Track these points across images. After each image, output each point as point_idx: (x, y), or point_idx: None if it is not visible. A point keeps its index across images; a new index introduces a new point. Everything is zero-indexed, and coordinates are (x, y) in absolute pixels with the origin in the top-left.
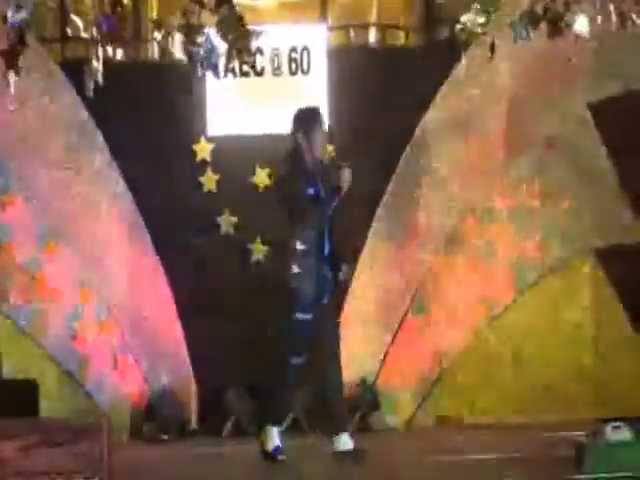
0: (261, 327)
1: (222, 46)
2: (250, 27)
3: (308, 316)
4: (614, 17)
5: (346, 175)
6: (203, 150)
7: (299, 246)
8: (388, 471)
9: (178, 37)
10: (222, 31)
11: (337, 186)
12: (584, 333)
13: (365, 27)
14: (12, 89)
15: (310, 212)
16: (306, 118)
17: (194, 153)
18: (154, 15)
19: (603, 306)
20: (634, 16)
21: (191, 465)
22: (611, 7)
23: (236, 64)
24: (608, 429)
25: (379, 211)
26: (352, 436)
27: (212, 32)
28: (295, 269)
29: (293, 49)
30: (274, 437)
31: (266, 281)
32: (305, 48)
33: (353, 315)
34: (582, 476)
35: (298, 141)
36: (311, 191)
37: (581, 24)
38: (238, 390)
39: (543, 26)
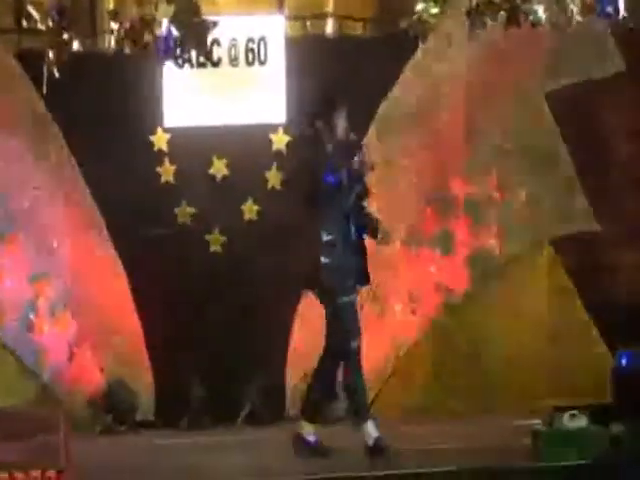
0: (218, 318)
1: (178, 37)
2: (206, 18)
3: (352, 297)
4: (572, 7)
5: (358, 159)
6: (160, 141)
7: (325, 237)
8: (344, 461)
9: (134, 28)
10: (178, 22)
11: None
12: (541, 322)
13: (322, 18)
14: None
15: (331, 201)
16: (324, 104)
17: (151, 144)
18: (110, 6)
19: (560, 295)
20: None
21: (147, 456)
22: None
23: (193, 54)
24: (565, 417)
25: None
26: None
27: (168, 22)
28: (323, 260)
29: (250, 40)
30: (371, 431)
31: (223, 272)
32: (262, 39)
33: (311, 306)
34: (539, 464)
35: (318, 128)
36: (331, 179)
37: (538, 14)
38: (195, 382)
39: (500, 16)
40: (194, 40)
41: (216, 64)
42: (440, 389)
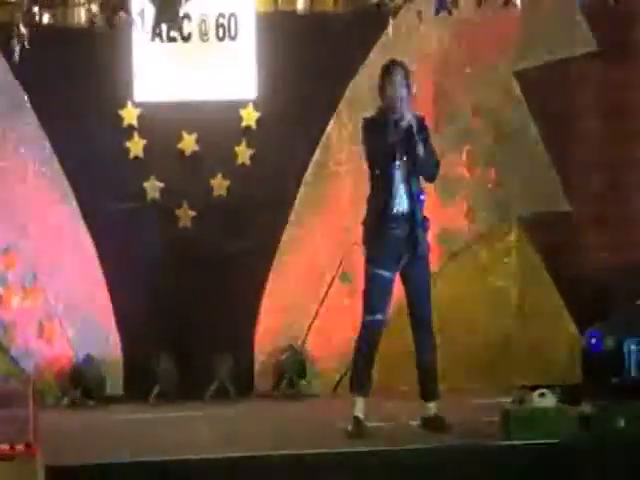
0: (187, 293)
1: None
2: None
3: (387, 273)
4: None
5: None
6: (130, 115)
7: (371, 206)
8: (313, 436)
9: (106, 1)
10: None
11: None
12: (509, 300)
13: None
14: None
15: (375, 169)
16: (383, 71)
17: (121, 118)
18: None
19: (529, 274)
20: None
21: (115, 430)
22: None
23: (163, 29)
24: (534, 396)
25: (306, 178)
26: None
27: None
28: (366, 229)
29: (221, 15)
30: (358, 408)
31: (193, 247)
32: (232, 14)
33: (280, 282)
34: (508, 442)
35: (383, 95)
36: (378, 144)
37: None
38: (164, 357)
39: None
40: (165, 13)
41: (186, 39)
42: (409, 367)
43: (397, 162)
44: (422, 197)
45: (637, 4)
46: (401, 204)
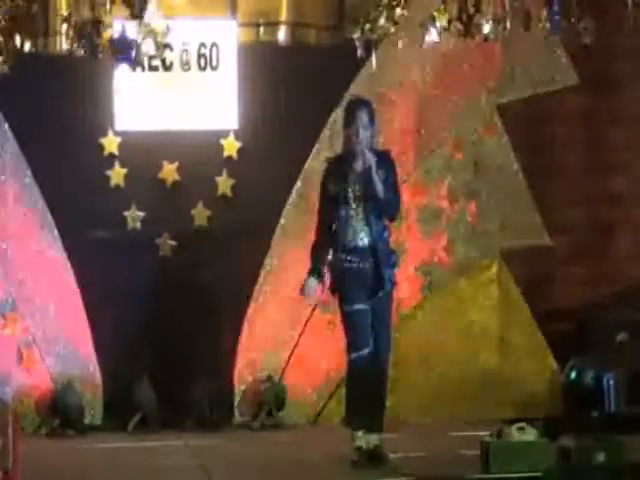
0: (167, 323)
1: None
2: (161, 21)
3: (361, 306)
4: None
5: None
6: (111, 144)
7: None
8: (292, 467)
9: (87, 30)
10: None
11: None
12: (490, 334)
13: (275, 25)
14: None
15: (330, 207)
16: (347, 109)
17: (102, 147)
18: (63, 8)
19: (509, 307)
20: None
21: (95, 460)
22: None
23: (145, 58)
24: (513, 429)
25: (287, 208)
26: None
27: (125, 25)
28: (331, 269)
29: (202, 44)
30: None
31: (173, 276)
32: (214, 44)
33: (260, 312)
34: (487, 475)
35: (345, 133)
36: (332, 187)
37: (491, 26)
38: (144, 386)
39: (454, 27)
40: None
41: (168, 68)
42: (390, 399)
43: (354, 204)
44: (385, 234)
45: (617, 39)
46: (362, 240)
